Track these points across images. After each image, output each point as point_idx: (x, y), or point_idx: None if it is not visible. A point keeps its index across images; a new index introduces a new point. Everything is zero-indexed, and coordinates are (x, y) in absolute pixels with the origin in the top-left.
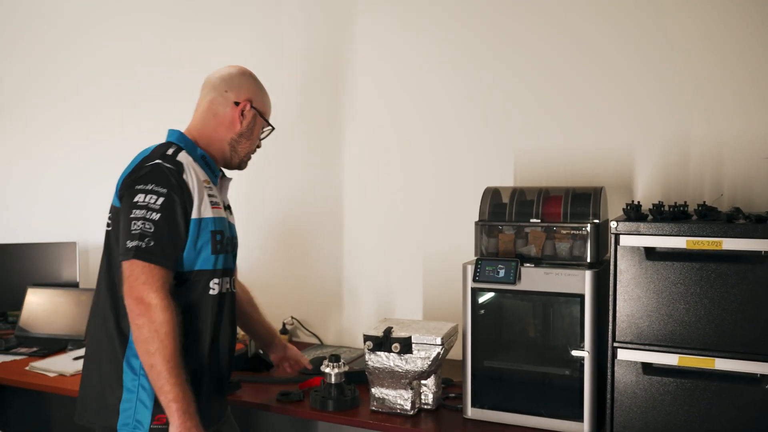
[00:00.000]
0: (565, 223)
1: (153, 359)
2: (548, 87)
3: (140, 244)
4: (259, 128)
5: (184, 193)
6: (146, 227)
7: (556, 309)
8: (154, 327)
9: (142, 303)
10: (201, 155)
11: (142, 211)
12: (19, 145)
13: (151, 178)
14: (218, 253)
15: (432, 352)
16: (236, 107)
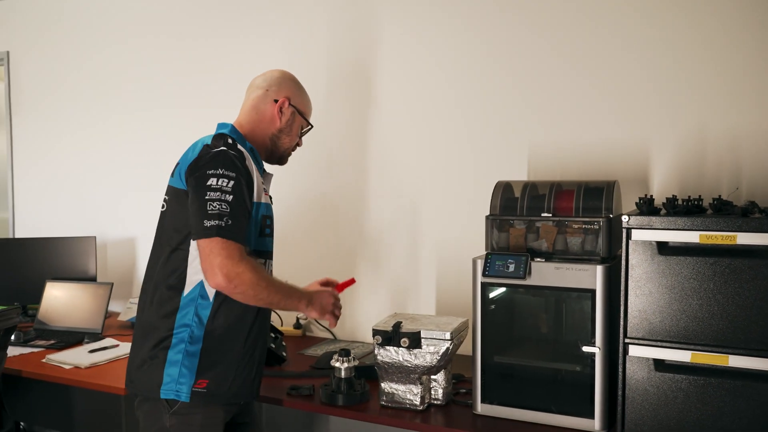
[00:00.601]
0: (576, 217)
1: (269, 301)
2: (563, 80)
3: (220, 223)
4: (298, 126)
5: (248, 178)
6: (223, 207)
7: (567, 304)
8: (252, 287)
9: (229, 277)
10: (249, 148)
11: (217, 193)
12: (41, 143)
13: (220, 163)
14: (266, 236)
15: (441, 347)
16: (275, 104)
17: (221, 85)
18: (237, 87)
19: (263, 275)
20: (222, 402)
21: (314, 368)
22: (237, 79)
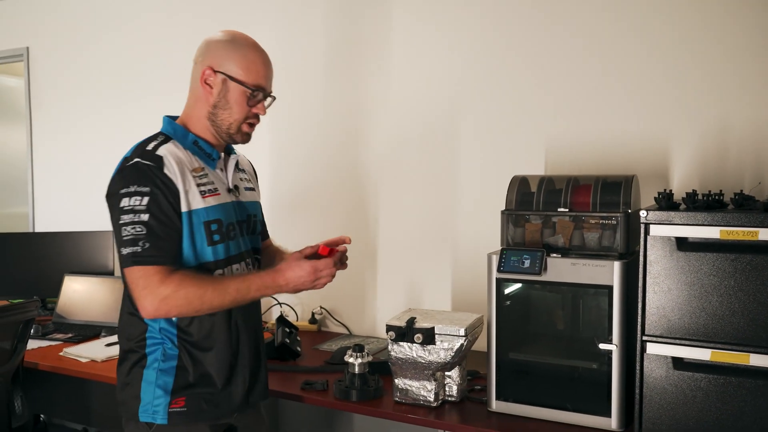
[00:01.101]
0: (594, 212)
1: (221, 306)
2: (581, 73)
3: (135, 250)
4: (237, 94)
5: (168, 187)
6: (138, 231)
7: (583, 301)
8: (186, 308)
9: (155, 305)
10: (193, 140)
11: (130, 215)
12: (60, 137)
13: (131, 179)
14: (216, 243)
15: (455, 343)
16: (201, 77)
17: None
18: None
19: (194, 288)
20: (206, 419)
21: (329, 363)
22: None
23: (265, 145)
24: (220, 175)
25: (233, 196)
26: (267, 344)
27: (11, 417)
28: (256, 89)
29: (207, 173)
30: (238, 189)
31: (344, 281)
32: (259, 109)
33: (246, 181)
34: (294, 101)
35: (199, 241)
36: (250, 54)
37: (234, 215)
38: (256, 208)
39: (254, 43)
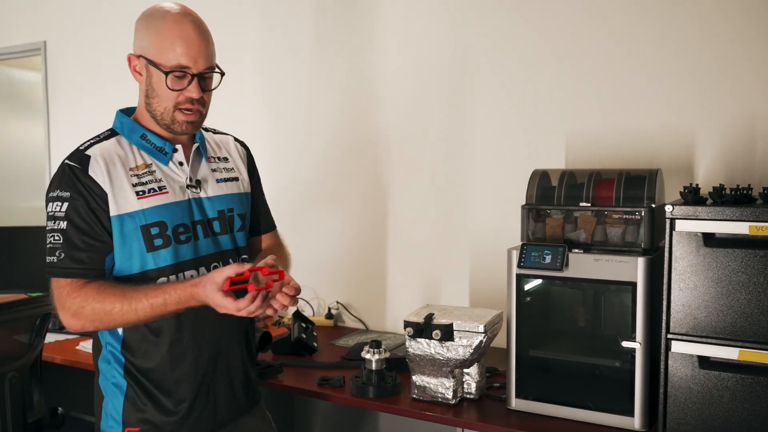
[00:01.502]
0: (617, 207)
1: (137, 320)
2: (602, 64)
3: (52, 260)
4: (158, 79)
5: (93, 191)
6: (56, 240)
7: (606, 297)
8: (96, 323)
9: (66, 320)
10: (141, 134)
11: (51, 222)
12: (77, 131)
13: (56, 183)
14: (158, 248)
15: (474, 340)
16: (129, 65)
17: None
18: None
19: (101, 304)
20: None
21: (345, 359)
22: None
23: (264, 134)
24: (175, 170)
25: (192, 192)
26: (282, 340)
27: (29, 410)
28: (175, 70)
29: (154, 170)
30: (202, 183)
31: (361, 276)
32: (189, 92)
33: (225, 171)
34: (297, 90)
35: (137, 248)
36: (165, 30)
37: (188, 215)
38: (232, 201)
39: (175, 16)
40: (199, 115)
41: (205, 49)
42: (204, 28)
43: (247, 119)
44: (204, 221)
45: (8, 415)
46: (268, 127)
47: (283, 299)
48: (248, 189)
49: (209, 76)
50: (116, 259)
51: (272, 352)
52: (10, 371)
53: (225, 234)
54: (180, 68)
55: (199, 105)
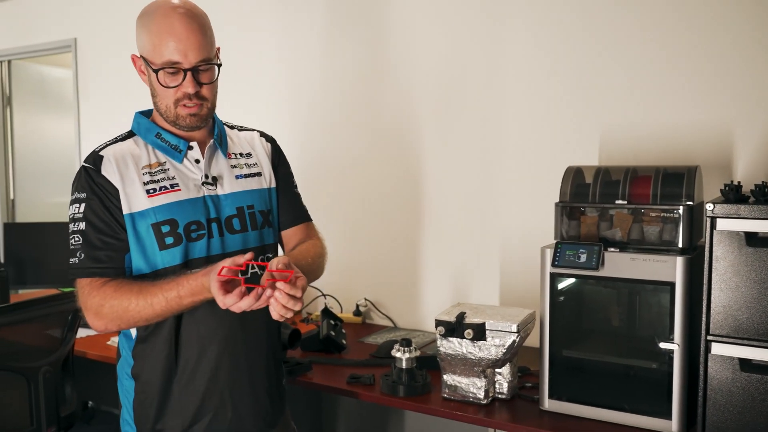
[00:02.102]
0: (654, 205)
1: (147, 320)
2: (637, 58)
3: (74, 261)
4: (154, 77)
5: (106, 189)
6: (76, 241)
7: (642, 297)
8: (117, 322)
9: (91, 320)
10: (156, 133)
11: (72, 224)
12: (107, 127)
13: (74, 186)
14: (169, 247)
15: (507, 339)
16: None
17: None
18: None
19: (118, 301)
20: None
21: (374, 357)
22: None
23: (286, 127)
24: (190, 167)
25: (207, 189)
26: (311, 337)
27: (62, 404)
28: (165, 67)
29: (167, 168)
30: (218, 180)
31: (390, 273)
32: (185, 88)
33: (246, 167)
34: (321, 83)
35: (149, 246)
36: (154, 26)
37: (202, 212)
38: (252, 197)
39: (164, 11)
40: (202, 108)
41: (196, 42)
42: (197, 20)
43: (269, 113)
44: (219, 219)
45: (42, 409)
46: (290, 120)
47: (278, 306)
48: (272, 184)
49: (205, 69)
50: (132, 258)
51: (301, 349)
52: (43, 365)
53: (246, 231)
54: (171, 64)
55: (198, 99)
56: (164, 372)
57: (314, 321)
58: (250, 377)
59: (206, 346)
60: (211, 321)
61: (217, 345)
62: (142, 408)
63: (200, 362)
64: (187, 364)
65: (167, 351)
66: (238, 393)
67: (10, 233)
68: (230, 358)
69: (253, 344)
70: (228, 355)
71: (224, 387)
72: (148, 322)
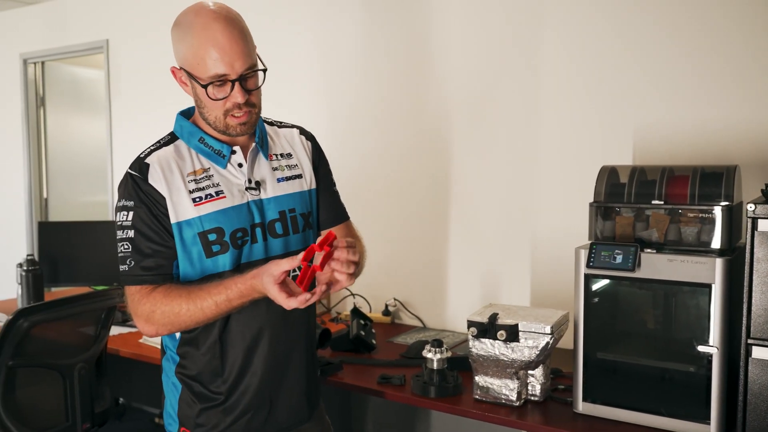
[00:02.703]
0: (692, 205)
1: (206, 318)
2: (672, 55)
3: (124, 269)
4: (200, 90)
5: (154, 198)
6: (125, 249)
7: (679, 299)
8: (169, 327)
9: (142, 326)
10: (199, 138)
11: (120, 231)
12: (139, 127)
13: (121, 193)
14: (216, 254)
15: (540, 341)
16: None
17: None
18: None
19: (168, 306)
20: None
21: (404, 357)
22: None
23: (320, 124)
24: (233, 172)
25: (251, 194)
26: (341, 336)
27: (96, 401)
28: (213, 81)
29: (212, 174)
30: (261, 184)
31: (418, 273)
32: (234, 98)
33: (287, 169)
34: (354, 81)
35: (196, 254)
36: (195, 39)
37: (247, 218)
38: (294, 201)
39: (202, 21)
40: (251, 115)
41: (240, 50)
42: (237, 26)
43: (301, 111)
44: (263, 224)
45: (77, 406)
46: (325, 117)
47: (340, 274)
48: (312, 185)
49: (252, 75)
50: (180, 265)
51: (330, 348)
52: (78, 362)
53: (288, 235)
54: (218, 78)
55: (247, 106)
56: (211, 373)
57: (343, 320)
58: (291, 374)
59: (252, 348)
60: (256, 322)
61: (263, 346)
62: (186, 404)
63: (246, 364)
64: (233, 367)
65: (213, 353)
66: (280, 390)
67: (44, 232)
68: (274, 357)
69: (294, 342)
70: (272, 355)
71: (267, 386)
72: (198, 324)
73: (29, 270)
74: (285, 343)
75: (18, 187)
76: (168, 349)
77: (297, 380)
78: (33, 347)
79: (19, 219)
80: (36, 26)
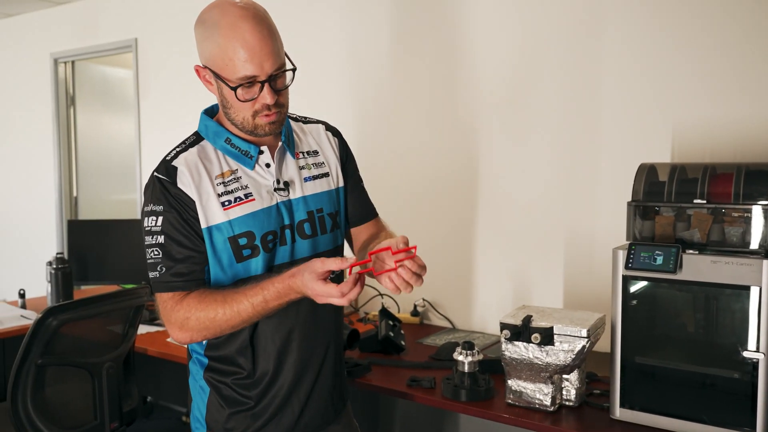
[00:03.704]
0: (737, 204)
1: (242, 323)
2: (712, 47)
3: (155, 275)
4: (228, 91)
5: (184, 202)
6: (155, 254)
7: (721, 302)
8: (202, 332)
9: (175, 334)
10: (226, 138)
11: (149, 237)
12: (167, 125)
13: (148, 197)
14: (247, 258)
15: (576, 344)
16: (200, 77)
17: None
18: None
19: (204, 312)
20: None
21: (434, 359)
22: None
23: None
24: (262, 173)
25: (280, 195)
26: (370, 338)
27: (125, 399)
28: (242, 83)
29: (240, 176)
30: (289, 185)
31: (447, 273)
32: (263, 99)
33: (314, 167)
34: (383, 77)
35: (225, 259)
36: (222, 39)
37: (276, 221)
38: (321, 200)
39: (230, 20)
40: (280, 114)
41: (268, 50)
42: (265, 23)
43: (330, 110)
44: (292, 225)
45: (105, 404)
46: (352, 116)
47: (399, 280)
48: (340, 184)
49: (281, 74)
50: (210, 269)
51: (359, 349)
52: (107, 361)
53: (316, 236)
54: (247, 79)
55: (276, 107)
56: (241, 377)
57: (372, 321)
58: (320, 376)
59: (282, 351)
60: (286, 324)
61: (293, 349)
62: (215, 408)
63: (278, 368)
64: (265, 371)
65: (245, 356)
66: (308, 395)
67: (73, 230)
68: (304, 360)
69: (324, 343)
70: (302, 358)
71: (297, 389)
72: (234, 329)
73: (59, 268)
74: (314, 344)
75: (48, 185)
76: (195, 352)
77: (325, 382)
78: (62, 345)
79: (49, 217)
80: (66, 26)
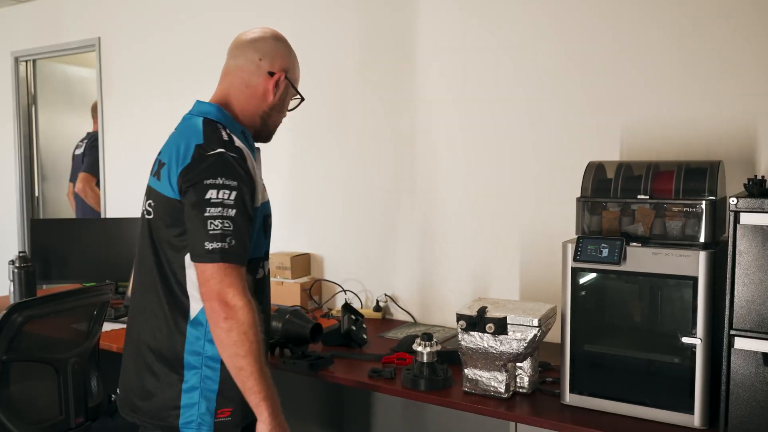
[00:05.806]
0: (677, 199)
1: (243, 362)
2: (657, 51)
3: (224, 246)
4: (289, 99)
5: (251, 183)
6: (226, 226)
7: (664, 292)
8: (243, 329)
9: (227, 306)
10: (241, 131)
11: (218, 208)
12: (130, 125)
13: (220, 171)
14: (268, 237)
15: (528, 334)
16: (270, 78)
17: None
18: None
19: (257, 324)
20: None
21: (395, 351)
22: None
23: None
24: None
25: None
26: (333, 331)
27: (89, 396)
28: (301, 98)
29: (259, 174)
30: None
31: (409, 268)
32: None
33: None
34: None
35: (260, 236)
36: (295, 59)
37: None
38: None
39: (290, 47)
40: None
41: None
42: None
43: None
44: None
45: (71, 399)
46: (317, 113)
47: None
48: None
49: None
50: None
51: (322, 343)
52: (72, 357)
53: None
54: (301, 97)
55: None
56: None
57: (335, 316)
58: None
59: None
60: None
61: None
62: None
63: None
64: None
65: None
66: None
67: (36, 229)
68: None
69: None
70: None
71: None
72: (235, 358)
73: (21, 267)
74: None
75: (10, 185)
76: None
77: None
78: (27, 342)
79: (11, 217)
80: (27, 24)
